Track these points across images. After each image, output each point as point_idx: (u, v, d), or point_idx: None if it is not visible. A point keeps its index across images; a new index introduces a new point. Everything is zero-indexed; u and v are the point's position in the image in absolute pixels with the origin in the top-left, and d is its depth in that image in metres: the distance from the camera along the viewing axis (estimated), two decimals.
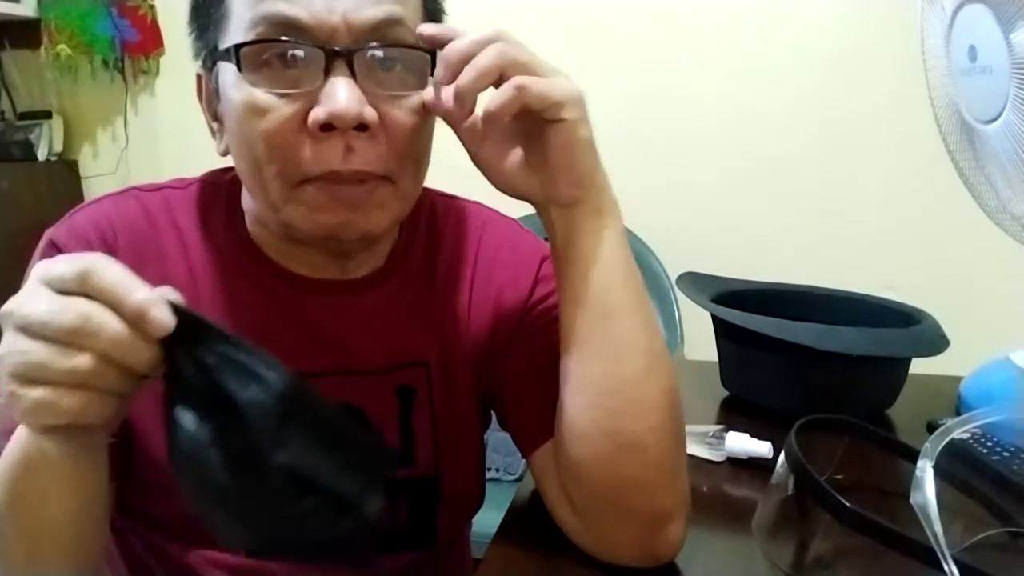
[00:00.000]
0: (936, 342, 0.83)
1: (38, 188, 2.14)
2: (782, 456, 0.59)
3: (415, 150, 0.58)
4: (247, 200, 0.64)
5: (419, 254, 0.69)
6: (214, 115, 0.61)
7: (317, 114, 0.53)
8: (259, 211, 0.62)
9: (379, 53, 0.55)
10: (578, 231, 0.58)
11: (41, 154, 2.20)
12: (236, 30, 0.55)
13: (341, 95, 0.52)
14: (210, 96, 0.61)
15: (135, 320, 0.41)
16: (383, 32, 0.55)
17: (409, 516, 0.67)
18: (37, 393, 0.40)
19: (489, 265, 0.69)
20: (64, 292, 0.41)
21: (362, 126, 0.54)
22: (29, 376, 0.40)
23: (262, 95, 0.54)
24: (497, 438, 1.73)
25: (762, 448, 0.73)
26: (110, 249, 0.60)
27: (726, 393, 0.93)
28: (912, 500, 0.47)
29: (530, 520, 0.66)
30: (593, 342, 0.57)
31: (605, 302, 0.57)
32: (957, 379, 0.90)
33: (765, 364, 0.86)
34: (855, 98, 1.76)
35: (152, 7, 2.13)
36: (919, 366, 0.85)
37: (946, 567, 0.45)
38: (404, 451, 0.66)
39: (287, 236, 0.61)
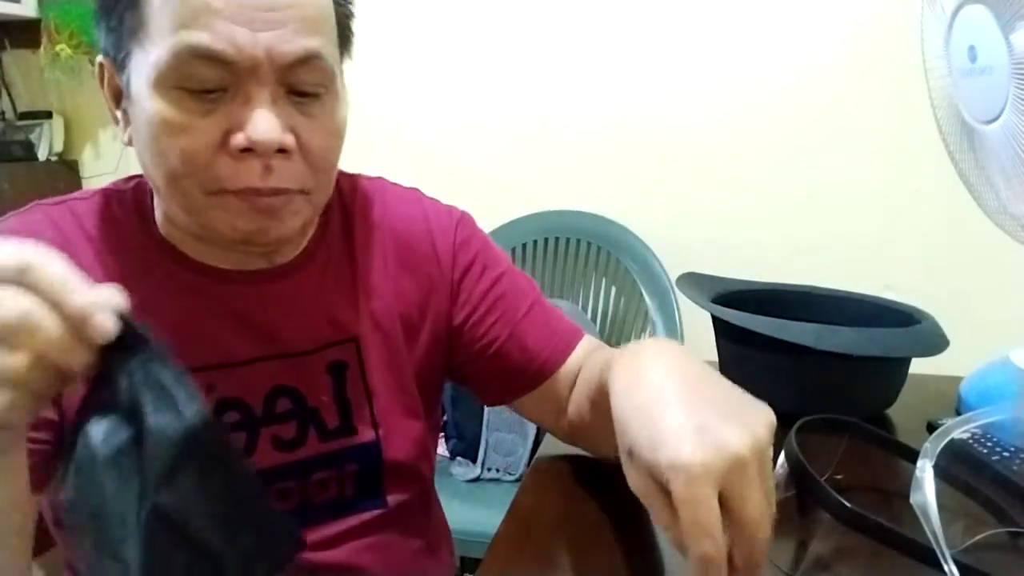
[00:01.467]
0: (936, 342, 0.83)
1: (38, 188, 2.14)
2: (782, 456, 0.59)
3: (328, 165, 0.62)
4: (157, 203, 0.65)
5: (336, 235, 0.71)
6: (118, 104, 0.62)
7: (239, 140, 0.55)
8: (174, 214, 0.62)
9: (296, 81, 0.57)
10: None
11: (41, 154, 2.20)
12: (156, 44, 0.55)
13: (262, 124, 0.55)
14: (115, 88, 0.61)
15: (76, 322, 0.39)
16: (303, 67, 0.57)
17: (356, 485, 0.69)
18: None
19: (408, 238, 0.73)
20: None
21: (282, 150, 0.56)
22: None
23: (179, 115, 0.55)
24: (497, 438, 1.73)
25: None
26: None
27: None
28: (912, 500, 0.47)
29: (530, 520, 0.66)
30: None
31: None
32: (957, 379, 0.90)
33: (765, 364, 0.86)
34: (855, 98, 1.76)
35: None
36: (919, 366, 0.85)
37: (946, 567, 0.45)
38: (342, 422, 0.69)
39: (204, 238, 0.63)
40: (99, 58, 0.62)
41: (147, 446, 0.38)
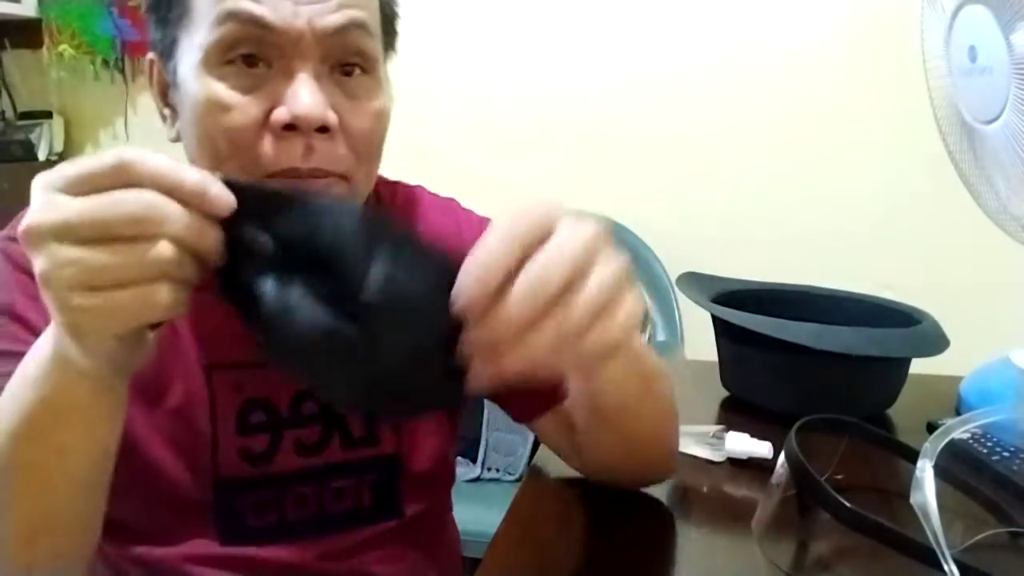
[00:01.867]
0: (936, 342, 0.83)
1: None
2: (782, 456, 0.59)
3: (371, 151, 0.60)
4: None
5: None
6: (166, 102, 0.62)
7: (281, 115, 0.54)
8: None
9: (340, 56, 0.56)
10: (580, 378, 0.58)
11: (41, 154, 2.20)
12: (200, 25, 0.55)
13: (305, 98, 0.54)
14: (163, 84, 0.61)
15: (196, 201, 0.39)
16: (346, 36, 0.56)
17: (373, 494, 0.69)
18: (117, 297, 0.38)
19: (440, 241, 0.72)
20: (94, 192, 0.38)
21: (323, 128, 0.55)
22: (97, 283, 0.38)
23: (225, 92, 0.55)
24: (497, 438, 1.73)
25: (762, 448, 0.73)
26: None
27: (726, 393, 0.93)
28: (912, 500, 0.47)
29: (530, 520, 0.66)
30: (608, 433, 0.63)
31: (609, 411, 0.60)
32: (957, 379, 0.90)
33: (765, 364, 0.86)
34: (855, 98, 1.76)
35: None
36: (919, 366, 0.85)
37: (946, 567, 0.45)
38: (368, 432, 0.68)
39: None
40: (149, 55, 0.62)
41: (337, 250, 0.38)
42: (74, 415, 0.47)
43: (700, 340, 0.87)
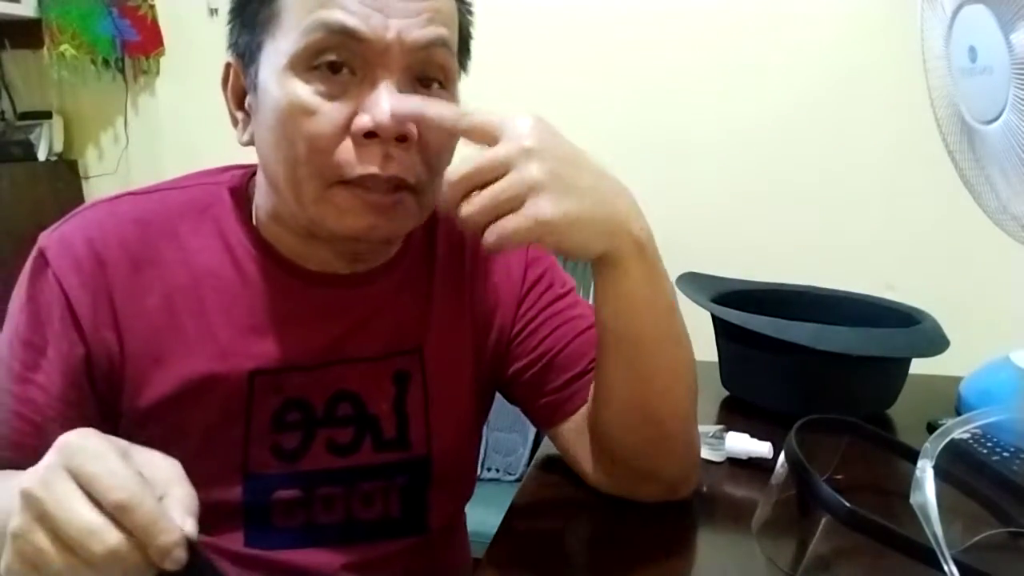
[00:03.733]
0: (936, 342, 0.83)
1: (38, 188, 2.15)
2: (782, 456, 0.59)
3: (442, 165, 0.61)
4: (261, 196, 0.65)
5: (419, 247, 0.71)
6: (239, 106, 0.63)
7: (363, 121, 0.55)
8: (280, 207, 0.63)
9: (421, 69, 0.58)
10: (600, 282, 0.60)
11: (41, 154, 2.20)
12: (288, 31, 0.57)
13: (386, 106, 0.55)
14: (238, 87, 0.62)
15: (157, 556, 0.42)
16: (430, 51, 0.58)
17: (402, 502, 0.68)
18: None
19: (477, 247, 0.71)
20: (91, 496, 0.41)
21: (402, 137, 0.56)
22: (38, 567, 0.41)
23: (309, 96, 0.56)
24: (497, 438, 1.73)
25: (762, 448, 0.74)
26: (101, 262, 0.61)
27: (726, 393, 0.93)
28: (912, 500, 0.47)
29: (530, 520, 0.66)
30: (622, 366, 0.62)
31: (630, 340, 0.61)
32: (957, 379, 0.90)
33: (765, 364, 0.86)
34: (855, 98, 1.76)
35: (152, 7, 2.13)
36: (919, 366, 0.85)
37: (946, 567, 0.45)
38: (399, 434, 0.68)
39: (307, 233, 0.63)
40: (226, 58, 0.63)
41: None
42: None
43: (700, 340, 0.86)
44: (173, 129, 2.18)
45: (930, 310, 0.89)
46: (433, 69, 0.59)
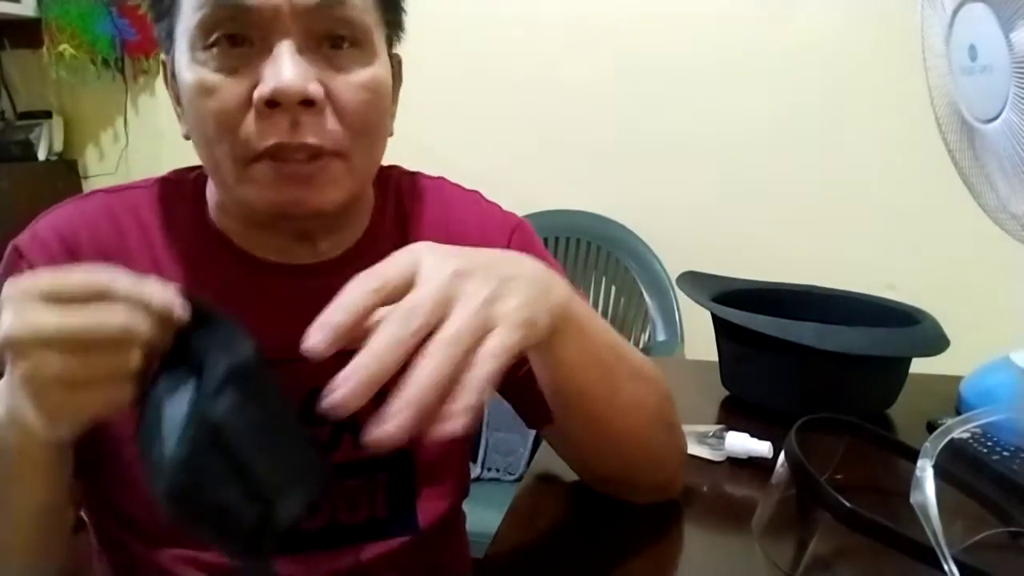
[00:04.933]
0: (936, 342, 0.83)
1: (38, 188, 2.15)
2: (782, 456, 0.59)
3: (366, 126, 0.58)
4: (211, 190, 0.66)
5: (389, 233, 0.69)
6: (177, 99, 0.62)
7: (261, 91, 0.53)
8: (219, 195, 0.63)
9: (324, 28, 0.56)
10: (537, 352, 0.55)
11: (41, 154, 2.20)
12: (185, 13, 0.56)
13: (285, 71, 0.53)
14: (171, 80, 0.62)
15: (162, 315, 0.44)
16: (327, 12, 0.55)
17: (388, 502, 0.67)
18: (91, 396, 0.43)
19: (460, 241, 0.69)
20: (72, 302, 0.42)
21: (308, 101, 0.54)
22: (80, 380, 0.42)
23: (210, 75, 0.55)
24: (497, 438, 1.73)
25: (762, 448, 0.73)
26: (73, 254, 0.61)
27: (726, 393, 0.93)
28: (912, 500, 0.47)
29: (530, 520, 0.66)
30: (581, 420, 0.61)
31: (578, 396, 0.58)
32: (957, 379, 0.90)
33: (765, 364, 0.86)
34: (855, 98, 1.76)
35: None
36: (919, 366, 0.85)
37: (946, 567, 0.45)
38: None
39: (249, 220, 0.62)
40: (162, 56, 0.63)
41: (204, 375, 0.43)
42: (26, 471, 0.50)
43: (700, 340, 0.86)
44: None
45: (930, 310, 0.89)
46: (338, 27, 0.56)
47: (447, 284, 0.43)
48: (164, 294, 0.44)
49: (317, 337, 0.43)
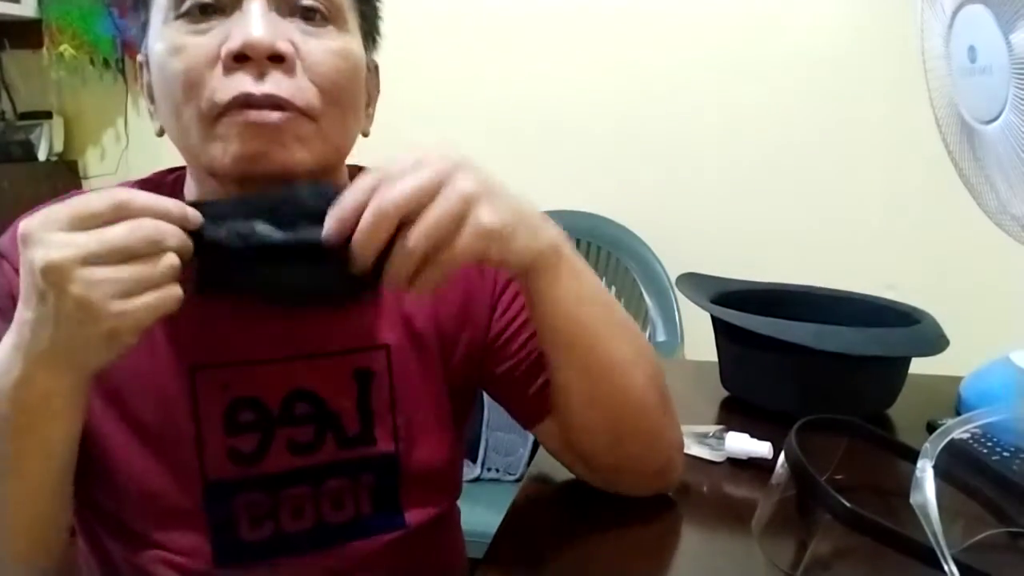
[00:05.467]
0: (936, 342, 0.83)
1: (38, 188, 2.14)
2: (782, 456, 0.59)
3: (337, 89, 0.58)
4: (188, 190, 0.65)
5: None
6: (150, 95, 0.62)
7: (229, 45, 0.54)
8: (198, 187, 0.63)
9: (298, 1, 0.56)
10: (533, 290, 0.59)
11: (41, 154, 2.20)
12: None
13: (253, 25, 0.53)
14: (145, 71, 0.62)
15: (180, 221, 0.49)
16: None
17: (373, 501, 0.66)
18: (146, 299, 0.46)
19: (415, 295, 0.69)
20: (96, 226, 0.46)
21: (277, 57, 0.54)
22: (131, 290, 0.46)
23: (179, 36, 0.55)
24: (497, 438, 1.73)
25: (762, 448, 0.73)
26: None
27: (726, 393, 0.93)
28: (912, 500, 0.47)
29: (530, 520, 0.66)
30: (574, 368, 0.62)
31: (575, 339, 0.61)
32: (957, 379, 0.90)
33: (765, 364, 0.86)
34: (855, 98, 1.76)
35: None
36: (919, 366, 0.85)
37: (946, 567, 0.45)
38: (362, 430, 0.66)
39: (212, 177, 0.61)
40: (138, 56, 0.63)
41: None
42: (58, 407, 0.51)
43: (700, 340, 0.86)
44: None
45: (930, 310, 0.89)
46: (312, 2, 0.57)
47: (443, 171, 0.50)
48: (178, 204, 0.49)
49: (331, 228, 0.50)
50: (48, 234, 0.45)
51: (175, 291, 0.48)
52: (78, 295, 0.44)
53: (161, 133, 0.61)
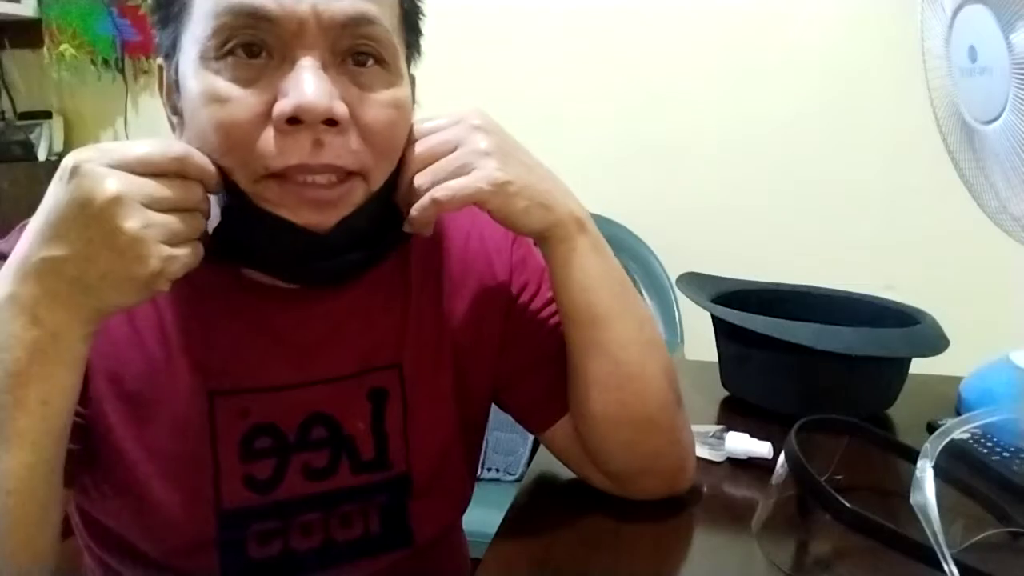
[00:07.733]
0: (936, 342, 0.83)
1: (38, 188, 2.10)
2: (782, 456, 0.59)
3: (388, 146, 0.57)
4: (213, 215, 0.62)
5: (391, 253, 0.66)
6: (174, 109, 0.58)
7: (282, 106, 0.50)
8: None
9: (349, 44, 0.53)
10: (553, 260, 0.63)
11: (41, 154, 2.20)
12: (199, 19, 0.52)
13: (309, 87, 0.50)
14: (170, 89, 0.58)
15: (213, 188, 0.53)
16: (355, 29, 0.53)
17: (382, 519, 0.65)
18: (186, 249, 0.50)
19: (461, 258, 0.69)
20: (151, 173, 0.48)
21: (332, 121, 0.51)
22: (176, 240, 0.49)
23: (222, 84, 0.51)
24: (497, 438, 1.73)
25: (762, 448, 0.74)
26: None
27: (726, 393, 0.93)
28: (912, 500, 0.47)
29: (530, 520, 0.66)
30: (592, 348, 0.63)
31: (594, 314, 0.62)
32: (957, 379, 0.90)
33: (765, 364, 0.86)
34: (855, 98, 1.76)
35: None
36: (919, 366, 0.85)
37: (946, 567, 0.45)
38: (377, 455, 0.64)
39: None
40: (157, 61, 0.60)
41: None
42: (62, 352, 0.49)
43: (700, 340, 0.86)
44: None
45: (930, 310, 0.89)
46: (364, 45, 0.53)
47: (462, 132, 0.59)
48: (213, 170, 0.52)
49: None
50: (106, 169, 0.46)
51: (199, 251, 0.51)
52: (134, 232, 0.46)
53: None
